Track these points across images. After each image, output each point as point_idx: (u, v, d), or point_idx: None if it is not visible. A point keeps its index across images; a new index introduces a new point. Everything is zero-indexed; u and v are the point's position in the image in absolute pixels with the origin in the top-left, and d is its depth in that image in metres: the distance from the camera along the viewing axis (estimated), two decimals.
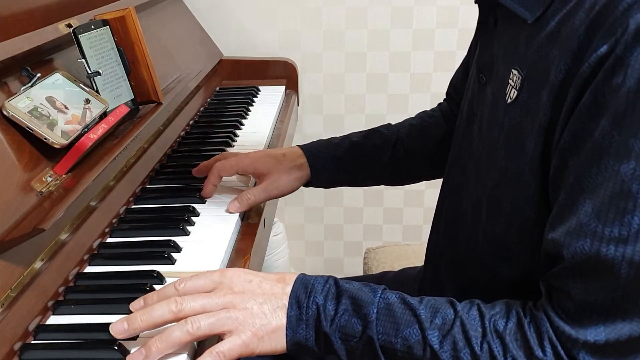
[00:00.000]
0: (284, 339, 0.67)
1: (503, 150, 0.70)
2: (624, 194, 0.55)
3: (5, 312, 0.67)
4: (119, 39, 1.01)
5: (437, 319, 0.64)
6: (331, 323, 0.66)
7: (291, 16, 1.76)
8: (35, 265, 0.74)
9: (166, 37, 1.41)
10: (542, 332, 0.61)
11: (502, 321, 0.63)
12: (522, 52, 0.67)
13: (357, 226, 2.00)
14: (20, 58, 0.84)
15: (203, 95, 1.54)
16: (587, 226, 0.58)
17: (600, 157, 0.57)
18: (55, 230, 0.78)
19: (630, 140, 0.55)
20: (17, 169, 0.76)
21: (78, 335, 0.70)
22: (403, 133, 1.05)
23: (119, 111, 0.96)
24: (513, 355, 0.61)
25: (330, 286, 0.68)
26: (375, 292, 0.67)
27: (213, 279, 0.69)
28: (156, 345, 0.63)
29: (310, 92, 1.84)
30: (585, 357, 0.59)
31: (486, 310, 0.65)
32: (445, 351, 0.63)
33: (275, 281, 0.70)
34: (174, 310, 0.65)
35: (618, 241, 0.56)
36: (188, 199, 1.00)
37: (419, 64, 1.80)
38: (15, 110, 0.78)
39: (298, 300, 0.67)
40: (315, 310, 0.66)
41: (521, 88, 0.67)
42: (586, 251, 0.58)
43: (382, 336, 0.65)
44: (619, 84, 0.55)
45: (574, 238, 0.58)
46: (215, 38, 1.74)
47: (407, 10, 1.75)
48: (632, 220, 0.55)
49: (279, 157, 1.00)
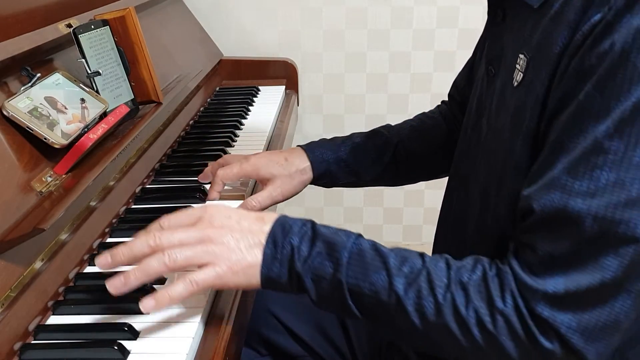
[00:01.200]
0: (258, 275, 0.69)
1: (509, 131, 0.71)
2: (595, 150, 0.58)
3: (5, 312, 0.67)
4: (119, 39, 1.01)
5: (405, 267, 0.66)
6: (304, 263, 0.68)
7: (291, 16, 1.76)
8: (35, 265, 0.74)
9: (166, 37, 1.41)
10: (504, 284, 0.62)
11: (467, 273, 0.65)
12: (529, 37, 0.69)
13: (357, 226, 1.99)
14: (20, 58, 0.84)
15: (203, 95, 1.54)
16: (558, 180, 0.60)
17: (581, 118, 0.59)
18: (55, 230, 0.78)
19: (611, 102, 0.57)
20: (17, 169, 0.76)
21: (78, 335, 0.70)
22: (404, 135, 1.06)
23: (119, 111, 0.96)
24: (474, 305, 0.62)
25: (307, 229, 0.70)
26: (349, 237, 0.69)
27: (194, 214, 0.71)
28: (134, 274, 0.67)
29: (310, 92, 1.84)
30: (544, 308, 0.60)
31: (453, 263, 0.67)
32: (409, 298, 0.64)
33: (255, 219, 0.71)
34: (152, 244, 0.68)
35: (585, 195, 0.58)
36: (188, 199, 1.00)
37: (419, 64, 1.80)
38: (15, 110, 0.78)
39: (275, 239, 0.69)
40: (289, 250, 0.68)
41: (526, 70, 0.68)
42: (555, 204, 0.59)
43: (350, 279, 0.66)
44: (606, 48, 0.57)
45: (544, 191, 0.60)
46: (215, 38, 1.74)
47: (407, 10, 1.75)
48: (600, 176, 0.57)
49: (281, 161, 1.00)
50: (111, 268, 0.69)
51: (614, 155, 0.57)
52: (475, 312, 0.62)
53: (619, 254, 0.58)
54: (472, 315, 0.62)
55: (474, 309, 0.62)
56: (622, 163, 0.57)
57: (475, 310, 0.62)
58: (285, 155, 1.01)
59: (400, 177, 1.08)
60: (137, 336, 0.69)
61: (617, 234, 0.57)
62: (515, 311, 0.61)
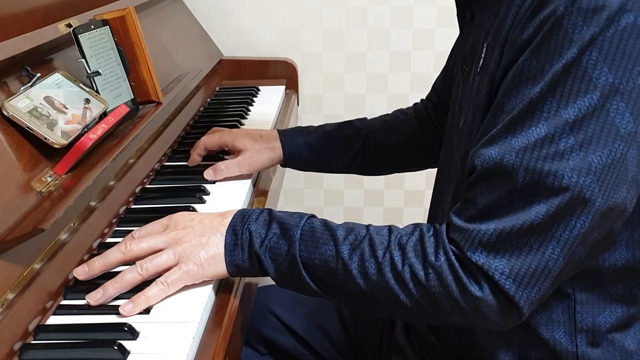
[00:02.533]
0: (223, 264, 0.75)
1: (471, 114, 0.75)
2: (530, 108, 0.63)
3: (5, 312, 0.67)
4: (118, 39, 1.01)
5: (350, 236, 0.72)
6: (261, 244, 0.74)
7: (291, 16, 1.76)
8: (35, 265, 0.74)
9: (166, 37, 1.41)
10: (439, 242, 0.68)
11: (407, 236, 0.70)
12: (490, 26, 0.73)
13: None
14: (20, 58, 0.84)
15: (203, 95, 1.54)
16: (497, 137, 0.65)
17: (520, 82, 0.64)
18: (55, 230, 0.78)
19: (545, 65, 0.62)
20: (17, 169, 0.76)
21: (78, 335, 0.70)
22: (375, 127, 1.12)
23: (118, 111, 0.96)
24: (410, 262, 0.68)
25: (264, 215, 0.77)
26: (302, 218, 0.75)
27: (162, 222, 0.80)
28: (113, 285, 0.73)
29: (310, 92, 1.83)
30: (480, 255, 0.65)
31: (395, 229, 0.73)
32: (353, 262, 0.70)
33: (216, 216, 0.79)
34: (123, 250, 0.76)
35: (519, 149, 0.63)
36: (188, 199, 1.00)
37: (419, 64, 1.80)
38: (15, 110, 0.78)
39: (234, 228, 0.76)
40: (248, 235, 0.75)
41: (486, 53, 0.73)
42: (492, 157, 0.64)
43: (303, 253, 0.73)
44: (543, 17, 0.62)
45: (485, 148, 0.66)
46: (215, 38, 1.74)
47: (407, 10, 1.75)
48: (533, 131, 0.62)
49: (256, 137, 1.11)
50: (88, 277, 0.76)
51: (547, 113, 0.62)
52: (410, 267, 0.68)
53: (547, 202, 0.62)
54: (407, 271, 0.68)
55: (409, 265, 0.68)
56: (553, 119, 0.62)
57: (409, 265, 0.68)
58: (261, 133, 1.12)
59: (370, 166, 1.14)
60: (137, 336, 0.69)
61: (545, 184, 0.62)
62: (447, 264, 0.66)
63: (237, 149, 1.10)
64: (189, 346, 0.67)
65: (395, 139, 1.12)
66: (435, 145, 1.07)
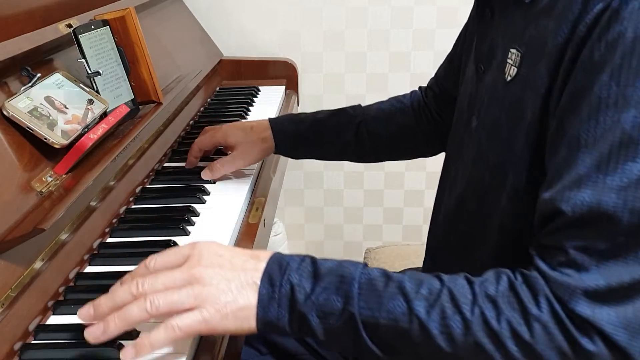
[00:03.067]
0: (253, 318, 0.63)
1: (505, 126, 0.70)
2: (624, 142, 0.56)
3: (5, 312, 0.67)
4: (119, 39, 1.01)
5: (422, 289, 0.62)
6: (306, 300, 0.62)
7: (291, 16, 1.76)
8: (35, 265, 0.74)
9: (166, 37, 1.41)
10: (536, 289, 0.59)
11: (493, 286, 0.61)
12: (520, 31, 0.69)
13: (357, 226, 1.99)
14: (20, 58, 0.84)
15: (203, 95, 1.54)
16: (587, 178, 0.57)
17: (598, 111, 0.57)
18: (55, 230, 0.78)
19: (628, 89, 0.56)
20: (17, 169, 0.76)
21: (78, 335, 0.70)
22: (369, 115, 1.10)
23: (119, 111, 0.96)
24: (507, 317, 0.59)
25: (306, 264, 0.65)
26: (355, 267, 0.64)
27: (182, 253, 0.66)
28: (114, 321, 0.62)
29: (310, 92, 1.83)
30: (585, 307, 0.57)
31: (474, 278, 0.63)
32: (433, 320, 0.60)
33: (249, 257, 0.66)
34: (134, 292, 0.63)
35: (619, 189, 0.56)
36: (188, 199, 1.00)
37: (419, 64, 1.80)
38: (15, 110, 0.78)
39: (271, 278, 0.63)
40: (289, 289, 0.63)
41: (520, 64, 0.68)
42: (587, 202, 0.57)
43: (364, 311, 0.62)
44: (615, 37, 0.56)
45: (573, 191, 0.58)
46: (215, 38, 1.74)
47: (407, 10, 1.75)
48: (633, 167, 0.55)
49: (247, 129, 1.09)
50: (94, 320, 0.64)
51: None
52: (509, 324, 0.59)
53: None
54: (506, 327, 0.59)
55: (507, 320, 0.59)
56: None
57: (507, 321, 0.59)
58: (252, 125, 1.10)
59: (363, 155, 1.12)
60: (136, 336, 0.69)
61: None
62: (552, 315, 0.58)
63: (230, 145, 1.09)
64: (189, 345, 0.67)
65: (388, 129, 1.09)
66: (431, 135, 1.07)
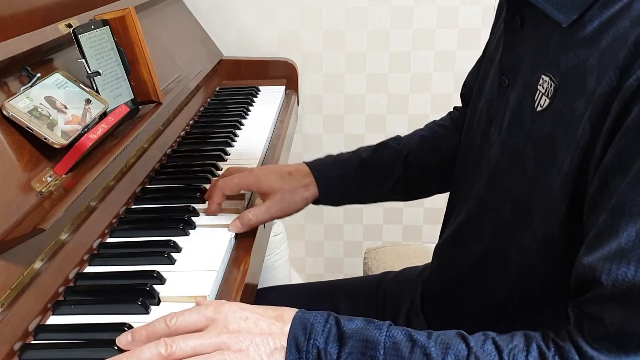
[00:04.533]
0: None
1: (532, 160, 0.67)
2: None
3: (5, 312, 0.67)
4: (119, 39, 1.01)
5: (449, 356, 0.60)
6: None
7: (291, 16, 1.76)
8: (35, 265, 0.74)
9: (166, 37, 1.41)
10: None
11: (522, 355, 0.59)
12: (555, 57, 0.64)
13: (357, 226, 1.99)
14: (20, 58, 0.84)
15: (203, 95, 1.54)
16: (629, 252, 0.54)
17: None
18: (55, 230, 0.78)
19: None
20: (17, 169, 0.76)
21: (78, 335, 0.70)
22: (414, 145, 0.99)
23: (118, 111, 0.96)
24: None
25: (331, 326, 0.64)
26: (380, 330, 0.63)
27: (206, 315, 0.65)
28: None
29: (310, 92, 1.83)
30: None
31: (503, 343, 0.60)
32: None
33: (274, 319, 0.65)
34: (163, 353, 0.61)
35: None
36: (188, 199, 1.00)
37: (419, 64, 1.80)
38: (15, 110, 0.78)
39: (297, 342, 0.63)
40: (315, 355, 0.62)
41: (554, 96, 0.63)
42: (629, 279, 0.54)
43: None
44: None
45: (614, 264, 0.55)
46: (215, 38, 1.74)
47: (407, 10, 1.75)
48: None
49: (284, 175, 0.95)
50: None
51: None
52: None
53: None
54: None
55: None
56: None
57: None
58: (289, 170, 0.96)
59: (412, 190, 1.01)
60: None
61: None
62: None
63: (264, 192, 0.94)
64: None
65: (438, 156, 0.98)
66: None
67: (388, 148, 0.99)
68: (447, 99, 1.79)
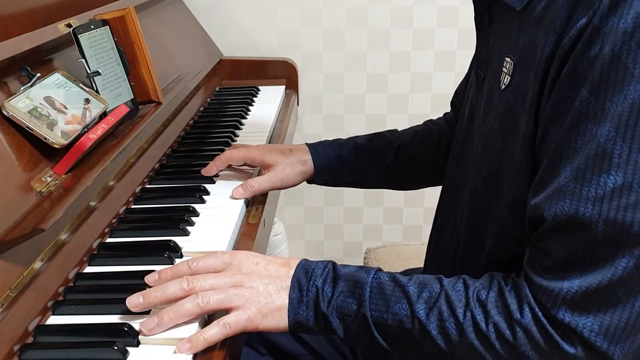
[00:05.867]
0: (285, 318, 0.71)
1: (499, 133, 0.72)
2: (599, 155, 0.58)
3: (5, 312, 0.67)
4: (118, 39, 1.01)
5: (424, 293, 0.68)
6: (328, 304, 0.71)
7: (291, 16, 1.76)
8: (35, 265, 0.74)
9: (166, 37, 1.41)
10: (522, 296, 0.64)
11: (485, 291, 0.67)
12: (514, 39, 0.70)
13: (357, 226, 1.99)
14: (20, 58, 0.84)
15: (203, 95, 1.54)
16: (566, 188, 0.60)
17: (579, 123, 0.60)
18: (55, 230, 0.78)
19: (606, 104, 0.57)
20: (17, 169, 0.76)
21: (78, 335, 0.70)
22: (407, 138, 1.07)
23: (118, 111, 0.96)
24: (494, 320, 0.64)
25: (329, 270, 0.73)
26: (368, 273, 0.72)
27: (223, 260, 0.75)
28: (168, 315, 0.69)
29: (310, 92, 1.84)
30: (565, 314, 0.61)
31: (470, 282, 0.69)
32: (431, 322, 0.67)
33: (280, 264, 0.75)
34: (185, 288, 0.70)
35: (595, 200, 0.59)
36: (188, 199, 1.00)
37: (419, 64, 1.80)
38: (15, 110, 0.78)
39: (299, 283, 0.72)
40: (314, 293, 0.71)
41: (513, 73, 0.69)
42: (565, 211, 0.60)
43: (375, 313, 0.69)
44: (596, 53, 0.58)
45: (554, 200, 0.61)
46: (215, 38, 1.74)
47: (407, 10, 1.75)
48: (607, 180, 0.58)
49: (286, 151, 1.06)
50: (143, 309, 0.71)
51: (618, 159, 0.57)
52: (495, 327, 0.64)
53: (633, 254, 0.58)
54: (492, 330, 0.64)
55: (494, 324, 0.64)
56: (628, 165, 0.57)
57: (494, 324, 0.64)
58: (290, 147, 1.07)
59: (402, 180, 1.09)
60: (137, 336, 0.69)
61: (629, 235, 0.58)
62: (534, 321, 0.63)
63: (266, 164, 1.05)
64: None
65: (428, 151, 1.06)
66: None
67: (382, 137, 1.08)
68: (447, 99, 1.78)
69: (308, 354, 1.00)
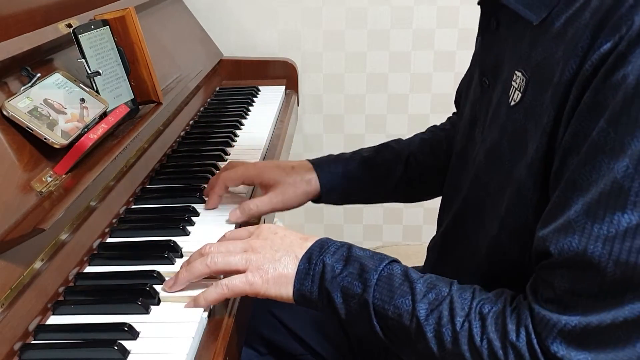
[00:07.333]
0: (290, 289, 0.72)
1: (508, 154, 0.69)
2: (614, 191, 0.55)
3: (5, 312, 0.67)
4: (119, 39, 1.01)
5: (430, 294, 0.67)
6: (333, 280, 0.70)
7: (291, 16, 1.76)
8: (35, 265, 0.74)
9: (166, 37, 1.41)
10: (521, 319, 0.62)
11: (489, 305, 0.64)
12: (526, 53, 0.67)
13: (357, 226, 1.99)
14: (20, 58, 0.84)
15: (203, 95, 1.54)
16: (575, 223, 0.57)
17: (595, 156, 0.56)
18: (55, 230, 0.78)
19: (625, 138, 0.54)
20: (17, 169, 0.76)
21: (78, 335, 0.70)
22: (415, 147, 1.01)
23: (119, 111, 0.96)
24: (489, 336, 0.62)
25: (343, 250, 0.73)
26: (382, 261, 0.71)
27: (249, 230, 0.80)
28: (182, 274, 0.75)
29: (310, 92, 1.83)
30: (560, 346, 0.58)
31: (479, 293, 0.67)
32: (429, 324, 0.65)
33: (299, 237, 0.76)
34: (202, 252, 0.76)
35: (606, 239, 0.55)
36: (188, 199, 1.00)
37: (419, 64, 1.80)
38: (15, 110, 0.78)
39: (310, 256, 0.72)
40: (321, 267, 0.71)
41: (525, 90, 0.66)
42: (573, 248, 0.57)
43: (377, 301, 0.68)
44: (618, 80, 0.54)
45: (562, 235, 0.58)
46: (215, 38, 1.74)
47: (407, 10, 1.75)
48: (621, 218, 0.55)
49: (287, 169, 0.97)
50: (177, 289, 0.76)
51: (635, 197, 0.54)
52: (489, 344, 0.62)
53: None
54: (485, 346, 0.62)
55: (488, 340, 0.62)
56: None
57: (489, 341, 0.62)
58: (292, 164, 0.98)
59: (413, 191, 1.03)
60: (137, 336, 0.69)
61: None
62: (527, 346, 0.60)
63: (266, 184, 0.96)
64: (189, 346, 0.67)
65: (438, 158, 0.99)
66: None
67: (389, 149, 1.01)
68: (447, 99, 1.78)
69: (308, 354, 1.00)
